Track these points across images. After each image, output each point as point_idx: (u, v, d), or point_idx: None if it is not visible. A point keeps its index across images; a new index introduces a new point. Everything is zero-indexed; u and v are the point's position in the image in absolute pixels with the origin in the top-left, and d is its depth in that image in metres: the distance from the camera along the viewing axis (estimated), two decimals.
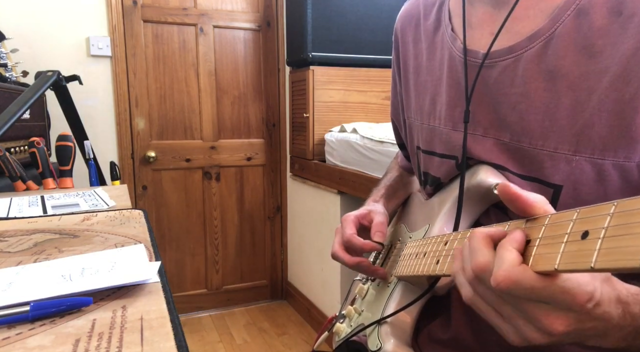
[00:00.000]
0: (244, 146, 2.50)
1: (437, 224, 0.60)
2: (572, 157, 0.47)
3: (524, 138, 0.50)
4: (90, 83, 2.08)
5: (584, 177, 0.46)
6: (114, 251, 0.56)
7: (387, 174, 0.85)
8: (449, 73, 0.60)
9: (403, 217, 0.77)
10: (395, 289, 0.61)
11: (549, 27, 0.49)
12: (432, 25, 0.65)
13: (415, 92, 0.68)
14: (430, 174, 0.65)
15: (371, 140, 1.69)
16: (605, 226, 0.29)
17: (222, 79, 2.40)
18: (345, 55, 2.08)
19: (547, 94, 0.48)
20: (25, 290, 0.43)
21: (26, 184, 1.10)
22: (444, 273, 0.47)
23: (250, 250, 2.61)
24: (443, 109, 0.61)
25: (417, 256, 0.56)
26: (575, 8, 0.47)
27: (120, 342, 0.34)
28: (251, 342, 2.20)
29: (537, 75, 0.49)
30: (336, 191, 1.96)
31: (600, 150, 0.45)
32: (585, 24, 0.46)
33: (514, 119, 0.51)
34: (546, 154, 0.48)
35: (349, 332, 0.71)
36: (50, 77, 1.42)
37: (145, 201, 2.34)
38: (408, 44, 0.70)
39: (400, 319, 0.59)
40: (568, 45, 0.47)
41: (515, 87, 0.51)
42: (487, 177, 0.53)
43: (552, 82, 0.48)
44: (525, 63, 0.50)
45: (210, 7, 2.33)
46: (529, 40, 0.50)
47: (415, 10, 0.70)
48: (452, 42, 0.60)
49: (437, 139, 0.62)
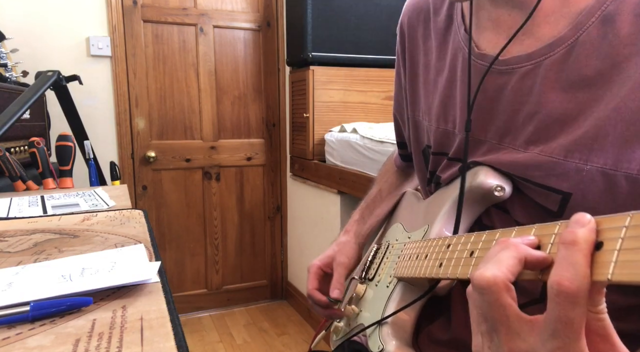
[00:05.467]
0: (244, 146, 2.50)
1: (437, 225, 0.59)
2: (583, 166, 0.45)
3: (537, 146, 0.49)
4: (90, 83, 2.08)
5: (594, 186, 0.45)
6: (114, 251, 0.56)
7: (372, 187, 0.86)
8: (463, 78, 0.58)
9: (400, 216, 0.76)
10: (395, 290, 0.61)
11: (572, 34, 0.46)
12: (443, 23, 0.63)
13: (425, 90, 0.67)
14: (437, 174, 0.65)
15: (371, 140, 1.69)
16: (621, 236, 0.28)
17: (222, 79, 2.40)
18: (345, 55, 2.08)
19: (567, 105, 0.47)
20: (25, 290, 0.43)
21: (26, 184, 1.10)
22: (447, 276, 0.47)
23: (250, 250, 2.61)
24: (457, 114, 0.59)
25: (417, 258, 0.55)
26: (601, 14, 0.45)
27: (120, 342, 0.34)
28: (251, 342, 2.20)
29: (557, 84, 0.47)
30: (336, 191, 1.96)
31: (613, 161, 0.43)
32: (611, 32, 0.44)
33: (530, 127, 0.50)
34: (557, 162, 0.47)
35: (348, 331, 0.70)
36: (50, 77, 1.42)
37: (145, 201, 2.34)
38: (417, 39, 0.68)
39: (400, 319, 0.59)
40: (591, 53, 0.45)
41: (533, 96, 0.49)
42: (488, 178, 0.52)
43: (572, 93, 0.46)
44: (545, 71, 0.48)
45: (210, 7, 2.33)
46: (550, 47, 0.48)
47: (424, 5, 0.67)
48: (466, 44, 0.57)
49: (452, 143, 0.61)
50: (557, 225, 0.34)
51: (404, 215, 0.75)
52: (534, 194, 0.50)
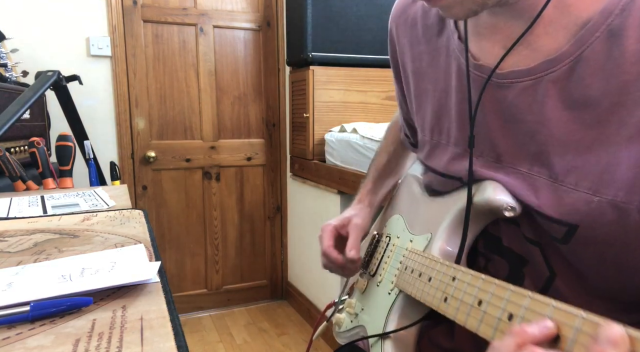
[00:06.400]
0: (244, 146, 2.50)
1: (439, 239, 0.57)
2: (592, 198, 0.42)
3: (543, 170, 0.46)
4: (90, 83, 2.08)
5: (604, 219, 0.41)
6: (114, 251, 0.56)
7: (377, 157, 0.82)
8: (459, 87, 0.55)
9: (401, 206, 0.73)
10: (397, 301, 0.60)
11: (575, 49, 0.43)
12: (434, 27, 0.59)
13: (417, 99, 0.64)
14: (433, 188, 0.62)
15: (371, 140, 1.69)
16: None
17: (222, 79, 2.40)
18: (345, 55, 2.08)
19: (570, 126, 0.44)
20: (25, 290, 0.43)
21: (26, 184, 1.10)
22: (453, 318, 0.45)
23: (250, 250, 2.61)
24: (452, 127, 0.56)
25: (420, 276, 0.54)
26: (606, 29, 0.41)
27: (120, 342, 0.34)
28: (251, 342, 2.20)
29: (559, 103, 0.44)
30: (336, 191, 1.96)
31: (626, 192, 0.40)
32: (617, 48, 0.41)
33: (533, 148, 0.47)
34: (565, 191, 0.44)
35: (350, 327, 0.70)
36: (50, 77, 1.42)
37: (145, 201, 2.34)
38: (404, 45, 0.65)
39: (403, 335, 0.58)
40: (596, 71, 0.42)
41: (532, 114, 0.46)
42: (496, 195, 0.50)
43: (576, 113, 0.43)
44: (545, 88, 0.45)
45: (210, 7, 2.33)
46: (552, 63, 0.45)
47: (411, 8, 0.63)
48: (461, 53, 0.54)
49: (444, 157, 0.58)
50: (579, 318, 0.31)
51: (405, 207, 0.71)
52: (539, 219, 0.47)
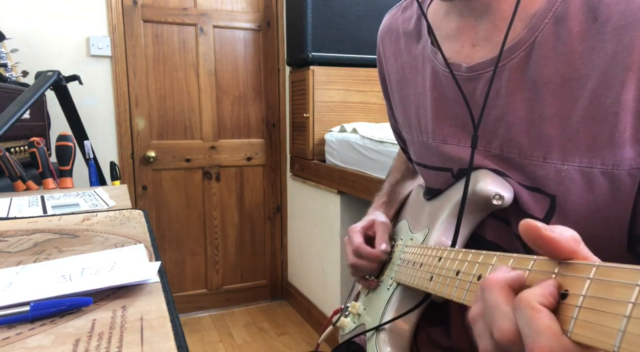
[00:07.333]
0: (244, 146, 2.50)
1: (436, 232, 0.58)
2: (561, 167, 0.46)
3: (513, 149, 0.50)
4: (90, 83, 2.08)
5: (574, 187, 0.46)
6: (114, 251, 0.56)
7: (390, 175, 0.85)
8: (433, 87, 0.59)
9: (406, 213, 0.76)
10: (394, 295, 0.61)
11: (529, 36, 0.48)
12: (412, 38, 0.65)
13: (401, 106, 0.68)
14: (429, 187, 0.65)
15: (371, 140, 1.69)
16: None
17: (222, 79, 2.40)
18: (345, 55, 2.08)
19: (531, 104, 0.48)
20: (25, 290, 0.43)
21: (26, 184, 1.10)
22: (435, 292, 0.46)
23: (250, 250, 2.61)
24: (429, 123, 0.60)
25: (414, 265, 0.55)
26: (553, 15, 0.47)
27: (120, 342, 0.34)
28: (251, 342, 2.20)
29: (521, 85, 0.49)
30: (336, 191, 1.96)
31: (588, 158, 0.44)
32: (564, 31, 0.46)
33: (502, 130, 0.51)
34: (536, 165, 0.48)
35: (353, 328, 0.71)
36: (50, 77, 1.42)
37: (145, 201, 2.34)
38: (389, 59, 0.70)
39: (398, 326, 0.58)
40: (549, 53, 0.47)
41: (500, 99, 0.51)
42: (487, 185, 0.50)
43: (535, 92, 0.48)
44: (508, 74, 0.50)
45: (210, 7, 2.33)
46: (511, 51, 0.49)
47: (394, 25, 0.69)
48: (434, 55, 0.59)
49: (429, 153, 0.62)
50: (531, 260, 0.33)
51: (409, 212, 0.74)
52: (524, 197, 0.50)
